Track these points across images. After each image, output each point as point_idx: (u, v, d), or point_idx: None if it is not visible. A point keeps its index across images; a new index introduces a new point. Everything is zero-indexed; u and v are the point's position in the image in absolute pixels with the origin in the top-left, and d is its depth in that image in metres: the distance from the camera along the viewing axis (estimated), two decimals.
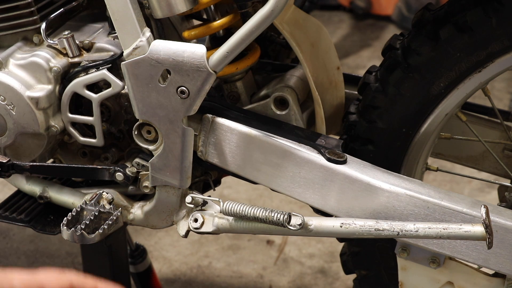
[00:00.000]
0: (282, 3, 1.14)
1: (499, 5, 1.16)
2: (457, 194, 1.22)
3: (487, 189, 2.47)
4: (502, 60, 1.20)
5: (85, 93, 1.34)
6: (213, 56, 1.20)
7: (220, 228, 1.27)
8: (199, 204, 1.31)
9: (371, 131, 1.30)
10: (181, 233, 1.36)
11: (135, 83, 1.25)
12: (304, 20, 1.36)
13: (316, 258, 2.24)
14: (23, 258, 2.29)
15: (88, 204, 1.36)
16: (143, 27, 1.24)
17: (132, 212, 1.41)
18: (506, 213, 1.20)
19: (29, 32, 1.39)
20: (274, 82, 1.39)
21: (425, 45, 1.22)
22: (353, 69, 3.40)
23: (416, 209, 1.19)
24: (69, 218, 1.33)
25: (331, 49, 1.43)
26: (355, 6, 3.96)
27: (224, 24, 1.29)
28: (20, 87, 1.34)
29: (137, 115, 1.29)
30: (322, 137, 1.28)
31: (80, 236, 1.31)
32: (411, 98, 1.26)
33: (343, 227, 1.17)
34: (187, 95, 1.23)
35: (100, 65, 1.33)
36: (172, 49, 1.21)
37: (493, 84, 3.02)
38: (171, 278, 2.19)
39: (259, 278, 2.16)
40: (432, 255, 1.28)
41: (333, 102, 1.42)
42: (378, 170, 1.24)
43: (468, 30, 1.19)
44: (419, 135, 1.29)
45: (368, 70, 1.34)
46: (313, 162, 1.24)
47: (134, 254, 1.95)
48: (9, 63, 1.36)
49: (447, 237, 1.12)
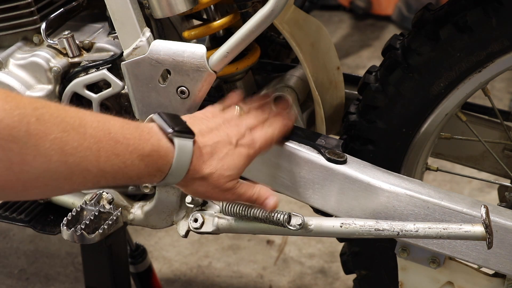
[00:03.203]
0: (282, 3, 1.14)
1: (499, 5, 1.16)
2: (457, 194, 1.22)
3: (487, 189, 2.47)
4: (502, 60, 1.20)
5: (85, 93, 1.34)
6: (213, 56, 1.20)
7: (220, 228, 1.27)
8: (199, 204, 1.31)
9: (371, 131, 1.30)
10: (181, 233, 1.36)
11: (135, 83, 1.25)
12: (304, 20, 1.36)
13: (316, 258, 2.24)
14: (23, 258, 2.30)
15: (88, 204, 1.36)
16: (143, 27, 1.24)
17: (132, 212, 1.41)
18: (506, 213, 1.20)
19: (29, 32, 1.39)
20: (274, 82, 1.39)
21: (425, 45, 1.22)
22: (353, 69, 3.40)
23: (416, 209, 1.19)
24: (69, 218, 1.33)
25: (331, 49, 1.43)
26: (355, 6, 3.97)
27: (224, 24, 1.29)
28: (20, 87, 1.34)
29: (137, 115, 1.29)
30: (322, 137, 1.28)
31: (80, 236, 1.31)
32: (411, 98, 1.26)
33: (343, 227, 1.17)
34: (187, 95, 1.23)
35: (100, 65, 1.33)
36: (172, 49, 1.21)
37: (493, 84, 3.02)
38: (171, 278, 2.19)
39: (259, 278, 2.16)
40: (432, 255, 1.28)
41: (333, 102, 1.42)
42: (378, 170, 1.24)
43: (468, 30, 1.19)
44: (419, 135, 1.29)
45: (368, 70, 1.34)
46: (313, 162, 1.24)
47: (134, 254, 1.95)
48: (9, 63, 1.36)
49: (447, 237, 1.12)
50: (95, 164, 0.93)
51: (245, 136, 1.15)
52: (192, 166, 1.06)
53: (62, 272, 2.23)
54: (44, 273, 2.23)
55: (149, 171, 1.01)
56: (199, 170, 1.08)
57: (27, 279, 2.21)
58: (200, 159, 1.08)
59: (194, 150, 1.06)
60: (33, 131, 0.86)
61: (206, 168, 1.08)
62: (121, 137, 0.97)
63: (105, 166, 0.94)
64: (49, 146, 0.88)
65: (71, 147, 0.90)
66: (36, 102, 0.90)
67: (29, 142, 0.86)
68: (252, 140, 1.15)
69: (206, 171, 1.08)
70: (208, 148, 1.09)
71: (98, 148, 0.93)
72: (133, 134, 0.99)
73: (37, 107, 0.88)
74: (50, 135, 0.88)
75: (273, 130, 1.20)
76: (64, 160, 0.90)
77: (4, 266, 2.27)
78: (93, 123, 0.94)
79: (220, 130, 1.13)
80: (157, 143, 1.02)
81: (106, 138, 0.94)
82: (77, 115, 0.94)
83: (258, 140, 1.16)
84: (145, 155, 0.99)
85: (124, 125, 0.99)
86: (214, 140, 1.11)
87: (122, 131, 0.97)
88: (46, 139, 0.87)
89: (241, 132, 1.14)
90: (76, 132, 0.91)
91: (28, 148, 0.86)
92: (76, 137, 0.91)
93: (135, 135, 0.99)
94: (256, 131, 1.17)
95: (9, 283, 2.20)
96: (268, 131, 1.19)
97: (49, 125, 0.88)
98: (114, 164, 0.95)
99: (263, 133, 1.18)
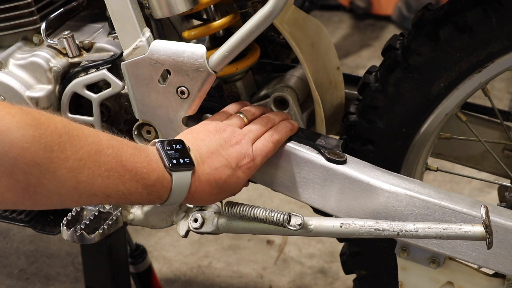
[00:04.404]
0: (282, 3, 1.14)
1: (499, 5, 1.16)
2: (457, 194, 1.22)
3: (487, 189, 2.46)
4: (502, 60, 1.20)
5: (85, 93, 1.34)
6: (213, 56, 1.20)
7: (220, 228, 1.27)
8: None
9: (371, 131, 1.30)
10: (181, 233, 1.36)
11: (135, 83, 1.25)
12: (304, 20, 1.36)
13: (316, 258, 2.24)
14: (23, 258, 2.30)
15: None
16: (143, 27, 1.24)
17: (132, 212, 1.41)
18: (506, 213, 1.20)
19: (29, 32, 1.39)
20: (274, 82, 1.39)
21: (425, 45, 1.22)
22: (353, 69, 3.39)
23: (416, 209, 1.19)
24: (69, 218, 1.33)
25: (331, 49, 1.43)
26: (355, 6, 3.96)
27: (224, 24, 1.29)
28: (20, 87, 1.34)
29: (137, 115, 1.29)
30: (322, 137, 1.28)
31: (80, 236, 1.31)
32: (411, 98, 1.26)
33: (343, 227, 1.17)
34: (187, 95, 1.23)
35: (100, 65, 1.33)
36: (172, 49, 1.21)
37: (493, 84, 3.02)
38: (171, 278, 2.19)
39: (259, 278, 2.16)
40: (432, 255, 1.28)
41: (333, 102, 1.42)
42: (378, 170, 1.24)
43: (468, 30, 1.19)
44: (419, 135, 1.29)
45: (368, 70, 1.34)
46: (313, 162, 1.24)
47: (134, 254, 1.95)
48: (9, 63, 1.36)
49: (447, 237, 1.12)
50: (103, 190, 0.99)
51: (246, 156, 1.17)
52: (190, 194, 1.11)
53: (62, 272, 2.23)
54: (44, 273, 2.23)
55: (150, 198, 1.07)
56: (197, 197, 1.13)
57: (27, 279, 2.21)
58: (198, 187, 1.12)
59: (192, 181, 1.10)
60: (54, 158, 0.92)
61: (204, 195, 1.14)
62: (131, 166, 1.02)
63: (111, 192, 1.00)
64: (65, 173, 0.93)
65: (84, 175, 0.96)
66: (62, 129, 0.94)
67: (49, 168, 0.91)
68: (252, 158, 1.17)
69: (204, 197, 1.14)
70: (207, 176, 1.13)
71: (108, 176, 0.99)
72: (142, 164, 1.04)
73: (61, 134, 0.93)
74: (67, 163, 0.93)
75: (279, 136, 1.22)
76: (76, 186, 0.95)
77: (4, 266, 2.27)
78: (108, 150, 0.99)
79: (220, 154, 1.15)
80: (161, 174, 1.07)
81: (117, 166, 1.00)
82: (94, 141, 0.98)
83: (259, 155, 1.18)
84: (149, 185, 1.05)
85: (135, 152, 1.04)
86: (214, 167, 1.13)
87: (133, 159, 1.02)
88: (64, 166, 0.93)
89: (242, 153, 1.16)
90: (91, 161, 0.96)
91: (47, 173, 0.91)
92: (90, 166, 0.96)
93: (144, 164, 1.04)
94: (258, 143, 1.19)
95: (9, 283, 2.20)
96: (273, 138, 1.21)
97: (68, 153, 0.93)
98: (119, 190, 1.01)
99: (266, 144, 1.19)
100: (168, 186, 1.07)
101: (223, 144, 1.16)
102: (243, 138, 1.18)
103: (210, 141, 1.16)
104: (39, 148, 0.90)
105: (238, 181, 1.16)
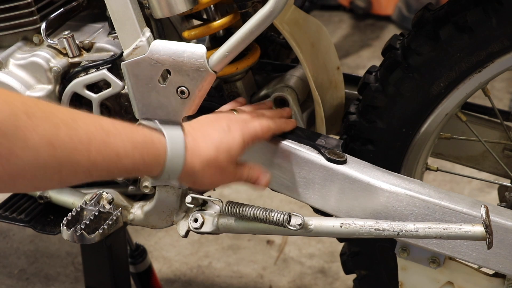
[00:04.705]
0: (282, 3, 1.14)
1: (499, 5, 1.16)
2: (457, 194, 1.22)
3: (487, 189, 2.47)
4: (502, 60, 1.20)
5: (85, 93, 1.34)
6: (213, 56, 1.20)
7: (220, 228, 1.27)
8: (199, 204, 1.31)
9: (371, 131, 1.30)
10: (181, 233, 1.36)
11: (135, 83, 1.25)
12: (304, 20, 1.36)
13: (316, 258, 2.24)
14: (23, 258, 2.30)
15: (88, 204, 1.36)
16: (143, 27, 1.24)
17: (132, 212, 1.41)
18: (506, 213, 1.20)
19: (29, 32, 1.39)
20: (274, 82, 1.39)
21: (425, 45, 1.22)
22: (353, 69, 3.40)
23: (416, 209, 1.19)
24: (69, 218, 1.33)
25: (331, 49, 1.43)
26: (355, 6, 3.96)
27: (224, 24, 1.29)
28: (20, 87, 1.34)
29: (137, 115, 1.29)
30: (322, 137, 1.28)
31: (80, 236, 1.31)
32: (411, 98, 1.26)
33: (343, 227, 1.17)
34: (187, 95, 1.23)
35: (100, 65, 1.33)
36: (172, 49, 1.21)
37: (493, 84, 3.02)
38: (171, 278, 2.19)
39: (259, 278, 2.16)
40: (432, 255, 1.28)
41: (333, 102, 1.42)
42: (378, 170, 1.24)
43: (468, 30, 1.19)
44: (419, 135, 1.29)
45: (368, 70, 1.34)
46: (313, 162, 1.24)
47: (134, 254, 1.95)
48: (9, 63, 1.36)
49: (447, 237, 1.12)
50: (85, 156, 0.93)
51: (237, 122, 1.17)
52: (189, 151, 1.08)
53: (62, 272, 2.23)
54: (44, 273, 2.23)
55: (145, 161, 1.02)
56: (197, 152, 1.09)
57: (27, 279, 2.21)
58: (194, 142, 1.09)
59: (185, 133, 1.08)
60: (22, 124, 0.87)
61: (203, 150, 1.10)
62: (113, 128, 0.98)
63: (97, 158, 0.95)
64: (38, 140, 0.88)
65: (60, 141, 0.91)
66: (26, 98, 0.91)
67: (18, 136, 0.87)
68: (244, 123, 1.17)
69: (205, 152, 1.10)
70: (199, 133, 1.11)
71: (89, 140, 0.94)
72: (125, 127, 1.00)
73: (26, 102, 0.90)
74: (39, 129, 0.89)
75: (268, 122, 1.21)
76: (53, 153, 0.90)
77: (4, 266, 2.27)
78: (85, 118, 0.95)
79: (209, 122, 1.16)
80: (148, 133, 1.04)
81: (97, 130, 0.95)
82: (69, 111, 0.95)
83: (251, 126, 1.18)
84: (138, 142, 1.00)
85: (115, 121, 1.00)
86: (204, 127, 1.13)
87: (113, 125, 0.99)
88: (35, 133, 0.88)
89: (232, 119, 1.17)
90: (67, 127, 0.92)
91: (16, 141, 0.87)
92: (66, 131, 0.91)
93: (126, 128, 1.00)
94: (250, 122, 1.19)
95: (9, 283, 2.20)
96: (263, 122, 1.20)
97: (38, 120, 0.89)
98: (106, 155, 0.96)
99: (258, 122, 1.19)
100: (160, 145, 1.04)
101: (213, 121, 1.17)
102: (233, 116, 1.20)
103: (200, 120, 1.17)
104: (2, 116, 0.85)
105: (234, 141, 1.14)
